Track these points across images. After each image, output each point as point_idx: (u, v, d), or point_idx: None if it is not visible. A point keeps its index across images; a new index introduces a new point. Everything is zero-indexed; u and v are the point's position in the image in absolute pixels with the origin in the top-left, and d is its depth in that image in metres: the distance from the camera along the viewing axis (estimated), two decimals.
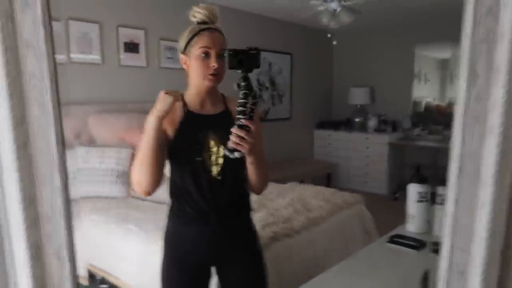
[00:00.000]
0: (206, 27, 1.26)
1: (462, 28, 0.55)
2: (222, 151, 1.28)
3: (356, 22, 3.76)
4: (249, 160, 1.27)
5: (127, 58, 3.39)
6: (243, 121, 1.15)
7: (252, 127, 1.16)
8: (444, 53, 5.61)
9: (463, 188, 0.60)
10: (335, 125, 5.71)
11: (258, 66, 1.17)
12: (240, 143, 1.16)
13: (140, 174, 1.26)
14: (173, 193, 1.34)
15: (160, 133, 1.23)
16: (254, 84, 4.75)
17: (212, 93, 1.33)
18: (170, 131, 1.30)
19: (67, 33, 3.00)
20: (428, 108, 5.73)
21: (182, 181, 1.30)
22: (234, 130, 1.16)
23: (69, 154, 2.74)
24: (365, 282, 1.18)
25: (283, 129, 5.22)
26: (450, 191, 0.61)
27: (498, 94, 0.56)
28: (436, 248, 1.34)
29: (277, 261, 1.97)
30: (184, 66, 1.31)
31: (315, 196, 2.66)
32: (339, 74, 5.99)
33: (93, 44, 3.17)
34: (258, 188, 1.39)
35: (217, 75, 1.26)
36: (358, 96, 5.52)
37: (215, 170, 1.29)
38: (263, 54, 4.73)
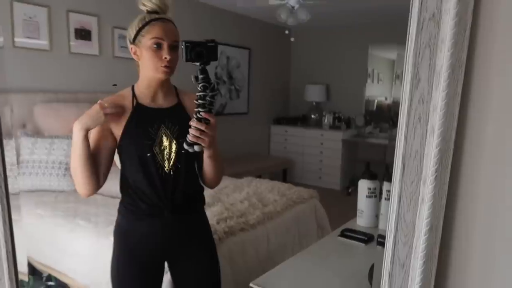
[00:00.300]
0: (158, 17, 1.22)
1: (408, 32, 0.57)
2: (174, 146, 1.26)
3: (313, 20, 3.83)
4: (207, 154, 1.26)
5: (78, 46, 3.23)
6: (203, 114, 1.14)
7: (212, 120, 1.16)
8: (394, 55, 5.84)
9: (406, 185, 0.63)
10: (292, 121, 5.80)
11: (215, 59, 1.15)
12: (201, 136, 1.15)
13: (76, 180, 1.24)
14: (124, 188, 1.31)
15: (87, 142, 1.20)
16: (212, 77, 4.71)
17: (164, 86, 1.29)
18: (118, 127, 1.25)
19: (12, 14, 2.81)
20: (380, 107, 5.96)
21: (133, 176, 1.27)
22: (193, 123, 1.14)
23: (12, 145, 2.58)
24: (317, 274, 1.21)
25: (240, 124, 5.22)
26: (394, 188, 0.64)
27: (438, 97, 0.60)
28: (382, 241, 1.40)
29: (232, 256, 1.98)
30: (134, 57, 1.26)
31: (270, 191, 2.69)
32: (296, 70, 6.08)
33: (40, 29, 2.99)
34: (213, 182, 1.38)
35: (170, 67, 1.22)
36: (314, 93, 5.63)
37: (167, 165, 1.26)
38: (221, 48, 4.69)
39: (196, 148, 1.17)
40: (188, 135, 1.16)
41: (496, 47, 0.58)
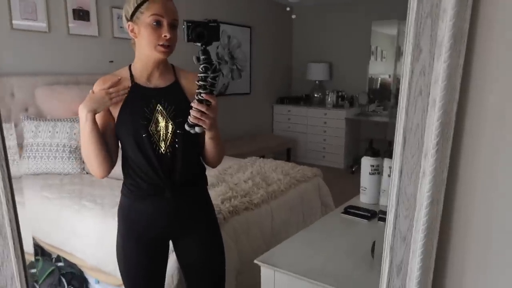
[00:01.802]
0: None
1: (409, 2, 0.56)
2: (170, 126, 1.25)
3: None
4: (209, 135, 1.26)
5: (76, 27, 3.20)
6: (204, 96, 1.13)
7: (213, 101, 1.14)
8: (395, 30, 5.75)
9: (407, 159, 0.63)
10: (295, 101, 5.76)
11: (217, 39, 1.13)
12: (202, 118, 1.14)
13: (89, 163, 1.25)
14: (126, 168, 1.31)
15: (96, 125, 1.20)
16: (213, 57, 4.66)
17: (161, 65, 1.28)
18: (115, 107, 1.25)
19: None
20: (383, 84, 5.90)
21: (132, 156, 1.27)
22: (195, 105, 1.13)
23: (16, 129, 2.59)
24: (320, 250, 1.23)
25: (242, 104, 5.20)
26: (395, 162, 0.64)
27: (440, 69, 0.59)
28: (383, 216, 1.41)
29: (236, 234, 2.00)
30: (131, 35, 1.24)
31: (274, 170, 2.70)
32: (298, 49, 6.00)
33: (38, 10, 2.95)
34: (215, 162, 1.39)
35: (169, 47, 1.20)
36: (317, 72, 5.58)
37: (163, 145, 1.25)
38: (222, 27, 4.63)
39: (197, 129, 1.17)
40: (189, 117, 1.15)
41: (500, 16, 0.57)
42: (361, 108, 5.43)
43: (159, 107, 1.24)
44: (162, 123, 1.24)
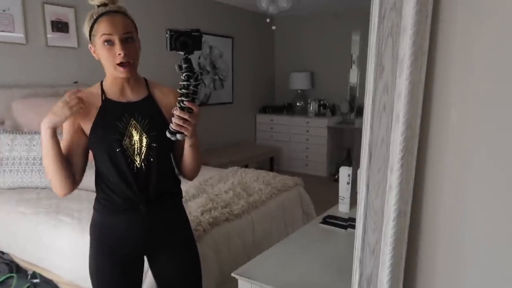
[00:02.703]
0: (104, 11, 1.17)
1: (370, 22, 0.58)
2: (145, 140, 1.24)
3: (295, 7, 3.81)
4: (189, 143, 1.26)
5: (55, 38, 3.17)
6: (186, 103, 1.14)
7: (195, 109, 1.16)
8: None
9: (373, 173, 0.64)
10: (277, 110, 5.80)
11: (200, 48, 1.16)
12: (184, 125, 1.15)
13: (52, 180, 1.23)
14: (98, 183, 1.30)
15: (56, 140, 1.18)
16: (195, 67, 4.66)
17: (130, 80, 1.27)
18: (87, 123, 1.23)
19: None
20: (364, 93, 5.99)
21: (105, 171, 1.25)
22: (177, 112, 1.15)
23: None
24: (297, 261, 1.23)
25: (225, 113, 5.21)
26: (362, 177, 0.65)
27: (402, 85, 0.60)
28: (353, 224, 1.43)
29: (217, 246, 1.99)
30: (94, 56, 1.23)
31: (255, 180, 2.70)
32: (280, 58, 6.06)
33: (15, 22, 2.91)
34: (193, 172, 1.37)
35: (128, 64, 1.18)
36: (299, 81, 5.63)
37: (138, 159, 1.24)
38: (204, 37, 4.64)
39: (178, 136, 1.18)
40: (171, 124, 1.17)
41: (457, 34, 0.59)
42: (342, 116, 5.50)
43: (132, 121, 1.24)
44: (136, 137, 1.23)
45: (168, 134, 1.18)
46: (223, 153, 4.68)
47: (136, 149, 1.24)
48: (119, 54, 1.16)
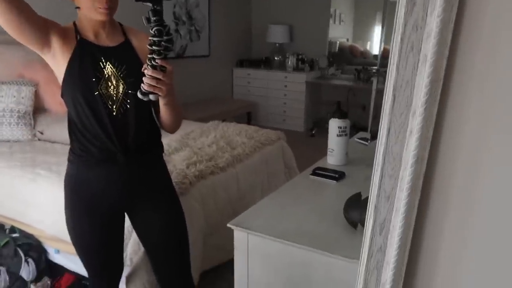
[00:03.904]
0: None
1: None
2: (122, 86, 1.17)
3: None
4: (163, 102, 1.18)
5: None
6: (159, 61, 1.04)
7: (168, 67, 1.06)
8: None
9: (395, 117, 0.62)
10: (255, 64, 5.67)
11: None
12: (157, 85, 1.06)
13: None
14: (73, 132, 1.21)
15: None
16: (170, 18, 4.42)
17: (107, 25, 1.19)
18: (63, 57, 1.14)
19: None
20: (341, 48, 5.94)
21: (80, 118, 1.17)
22: (149, 72, 1.05)
23: None
24: (292, 211, 1.23)
25: (201, 67, 5.05)
26: (384, 121, 0.62)
27: (433, 24, 0.57)
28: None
29: (203, 198, 1.98)
30: None
31: (238, 134, 2.67)
32: (258, 10, 5.84)
33: None
34: (173, 127, 1.32)
35: (109, 8, 1.11)
36: (277, 34, 5.49)
37: (115, 106, 1.18)
38: None
39: (151, 97, 1.09)
40: (142, 84, 1.07)
41: None
42: (321, 71, 5.46)
43: (109, 65, 1.16)
44: (113, 83, 1.17)
45: (139, 95, 1.09)
46: (199, 107, 4.59)
47: (112, 95, 1.17)
48: None
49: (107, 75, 1.17)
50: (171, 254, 1.38)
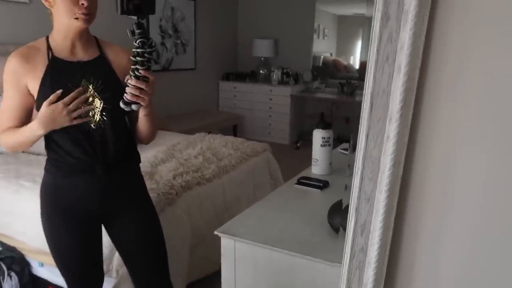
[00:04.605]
0: None
1: None
2: (98, 101, 1.18)
3: None
4: (144, 112, 1.21)
5: None
6: (142, 72, 1.08)
7: (151, 77, 1.10)
8: (342, 10, 5.91)
9: (374, 123, 0.66)
10: (240, 77, 5.74)
11: (153, 12, 1.06)
12: (140, 95, 1.09)
13: (15, 147, 1.25)
14: (49, 145, 1.23)
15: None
16: (156, 31, 4.47)
17: (83, 36, 1.19)
18: (33, 83, 1.15)
19: None
20: (325, 62, 6.07)
21: (57, 135, 1.18)
22: (132, 82, 1.08)
23: None
24: (277, 219, 1.26)
25: (187, 79, 5.09)
26: (362, 127, 0.66)
27: (406, 36, 0.61)
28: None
29: (190, 209, 1.99)
30: (45, 4, 1.13)
31: (224, 145, 2.70)
32: (244, 24, 5.94)
33: None
34: (149, 138, 1.34)
35: (88, 14, 1.11)
36: (263, 48, 5.58)
37: (92, 121, 1.19)
38: None
39: (134, 107, 1.13)
40: (125, 94, 1.10)
41: None
42: (305, 85, 5.55)
43: (84, 81, 1.17)
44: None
45: (122, 105, 1.12)
46: (185, 120, 4.61)
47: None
48: (82, 4, 1.09)
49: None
50: (149, 262, 1.38)
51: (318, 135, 1.65)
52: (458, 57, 0.65)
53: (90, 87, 1.17)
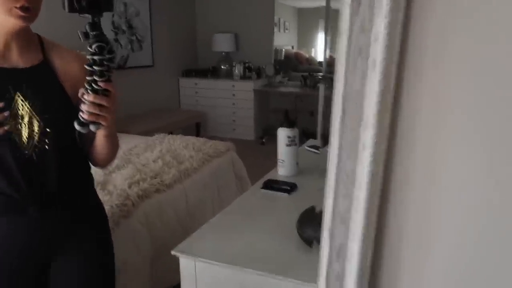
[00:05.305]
0: None
1: None
2: (36, 122, 0.94)
3: None
4: (104, 133, 0.99)
5: None
6: (102, 84, 0.86)
7: (112, 90, 0.88)
8: (302, 3, 5.85)
9: (346, 131, 0.55)
10: (201, 73, 5.56)
11: (111, 9, 0.84)
12: (100, 113, 0.87)
13: None
14: None
15: None
16: (109, 27, 4.20)
17: (21, 36, 0.94)
18: None
19: None
20: (287, 55, 6.00)
21: None
22: (90, 98, 0.86)
23: None
24: (243, 232, 1.14)
25: (146, 77, 4.85)
26: (334, 137, 0.56)
27: (380, 26, 0.51)
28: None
29: (149, 220, 1.84)
30: None
31: (185, 147, 2.55)
32: (202, 19, 5.75)
33: None
34: (108, 161, 1.11)
35: (29, 10, 0.86)
36: (223, 43, 5.42)
37: (27, 148, 0.94)
38: None
39: (92, 128, 0.90)
40: (81, 113, 0.88)
41: None
42: (268, 79, 5.46)
43: (19, 96, 0.92)
44: (24, 119, 0.93)
45: (77, 127, 0.88)
46: (144, 119, 4.39)
47: (24, 134, 0.93)
48: None
49: (15, 110, 0.92)
50: None
51: (283, 134, 1.55)
52: (437, 49, 0.55)
53: (26, 103, 0.92)
